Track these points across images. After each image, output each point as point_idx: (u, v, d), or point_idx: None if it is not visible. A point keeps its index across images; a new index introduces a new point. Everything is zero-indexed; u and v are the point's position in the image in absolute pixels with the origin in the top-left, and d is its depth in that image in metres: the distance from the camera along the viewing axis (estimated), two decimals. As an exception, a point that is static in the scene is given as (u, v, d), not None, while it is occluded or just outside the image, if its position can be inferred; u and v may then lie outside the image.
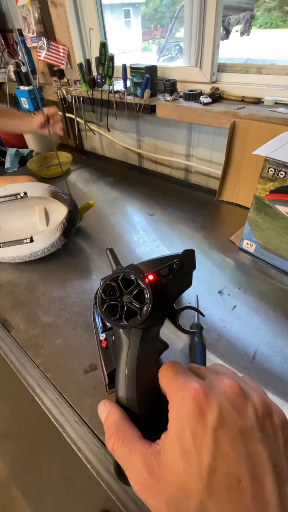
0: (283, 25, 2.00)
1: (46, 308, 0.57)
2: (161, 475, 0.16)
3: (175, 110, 0.80)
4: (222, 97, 0.79)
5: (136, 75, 0.84)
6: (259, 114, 0.67)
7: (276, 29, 2.08)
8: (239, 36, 1.90)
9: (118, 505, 0.34)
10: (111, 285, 0.24)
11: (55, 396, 0.44)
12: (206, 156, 0.93)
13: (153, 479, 0.16)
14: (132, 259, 0.67)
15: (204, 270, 0.63)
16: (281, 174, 0.48)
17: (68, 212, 0.60)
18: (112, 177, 1.03)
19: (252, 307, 0.54)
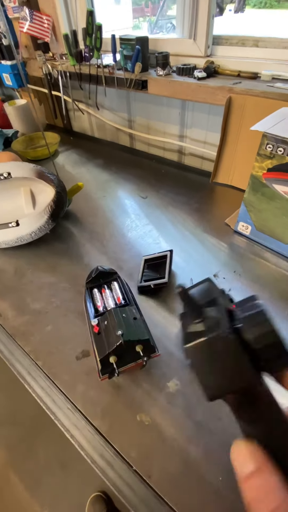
0: (277, 5, 1.93)
1: (35, 294, 0.55)
2: None
3: (168, 86, 0.75)
4: (217, 71, 0.74)
5: (126, 47, 0.79)
6: (256, 89, 0.64)
7: (270, 9, 2.00)
8: (233, 13, 1.85)
9: (113, 490, 0.33)
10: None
11: (46, 384, 0.42)
12: (200, 137, 0.90)
13: None
14: (124, 244, 0.65)
15: (198, 253, 0.61)
16: (280, 151, 0.46)
17: (56, 193, 0.57)
18: (102, 159, 0.98)
19: (247, 290, 0.53)
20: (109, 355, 0.37)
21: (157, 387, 0.41)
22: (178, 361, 0.43)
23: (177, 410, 0.38)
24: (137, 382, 0.41)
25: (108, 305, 0.46)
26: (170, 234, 0.67)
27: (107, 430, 0.37)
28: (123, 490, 0.33)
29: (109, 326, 0.39)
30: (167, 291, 0.54)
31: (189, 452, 0.35)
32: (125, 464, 0.35)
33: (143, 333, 0.38)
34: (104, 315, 0.42)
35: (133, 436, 0.36)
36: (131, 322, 0.40)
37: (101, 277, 0.51)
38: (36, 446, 1.19)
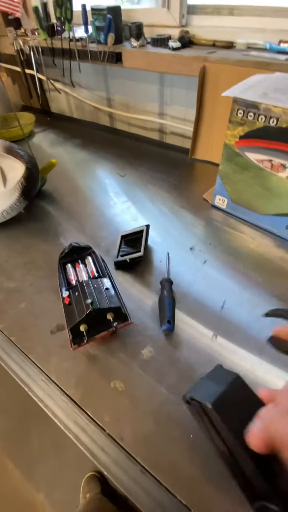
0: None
1: (9, 274, 0.54)
2: None
3: (143, 58, 0.73)
4: (192, 41, 0.72)
5: (98, 18, 0.75)
6: (231, 58, 0.62)
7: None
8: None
9: (86, 454, 0.34)
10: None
11: (20, 358, 0.42)
12: (180, 115, 0.88)
13: None
14: (102, 222, 0.64)
15: (176, 229, 0.61)
16: (250, 116, 0.45)
17: (26, 169, 0.55)
18: (80, 139, 0.96)
19: (222, 262, 0.53)
20: (79, 324, 0.36)
21: (132, 355, 0.41)
22: (153, 330, 0.43)
23: (150, 376, 0.39)
24: (112, 352, 0.42)
25: (81, 278, 0.45)
26: (149, 211, 0.66)
27: (80, 398, 0.37)
28: (96, 453, 0.34)
29: (80, 297, 0.39)
30: (144, 265, 0.54)
31: (161, 415, 0.35)
32: (98, 428, 0.35)
33: (114, 302, 0.38)
34: (76, 287, 0.41)
35: (106, 402, 0.37)
36: (102, 292, 0.39)
37: (75, 252, 0.50)
38: (29, 432, 1.20)
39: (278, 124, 0.43)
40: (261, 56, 0.61)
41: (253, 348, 0.41)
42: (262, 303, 0.47)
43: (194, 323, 0.44)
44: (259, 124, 0.45)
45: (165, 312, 0.43)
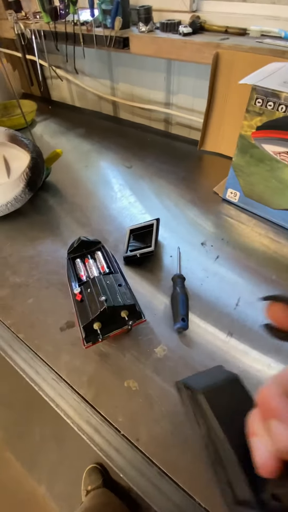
0: None
1: (15, 268, 0.52)
2: None
3: (151, 43, 0.70)
4: (203, 27, 0.69)
5: (105, 1, 0.72)
6: (244, 45, 0.60)
7: None
8: None
9: (100, 455, 0.33)
10: None
11: (29, 356, 0.41)
12: (187, 104, 0.85)
13: None
14: (107, 215, 0.62)
15: (186, 223, 0.59)
16: (270, 106, 0.43)
17: (31, 159, 0.52)
18: (83, 128, 0.92)
19: (235, 257, 0.52)
20: (92, 322, 0.35)
21: (145, 353, 0.40)
22: (165, 328, 0.42)
23: (164, 375, 0.38)
24: (125, 350, 0.40)
25: (91, 274, 0.43)
26: (156, 204, 0.64)
27: (93, 397, 0.36)
28: (111, 454, 0.33)
29: (92, 293, 0.37)
30: (154, 261, 0.52)
31: (176, 415, 0.34)
32: (112, 429, 0.34)
33: (128, 299, 0.37)
34: (87, 283, 0.40)
35: (120, 402, 0.36)
36: (115, 289, 0.38)
37: (84, 247, 0.48)
38: (31, 425, 1.20)
39: (299, 115, 0.41)
40: (277, 44, 0.59)
41: (270, 348, 0.40)
42: (277, 300, 0.45)
43: (208, 321, 0.43)
44: (278, 114, 0.43)
45: (178, 310, 0.42)
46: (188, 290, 0.47)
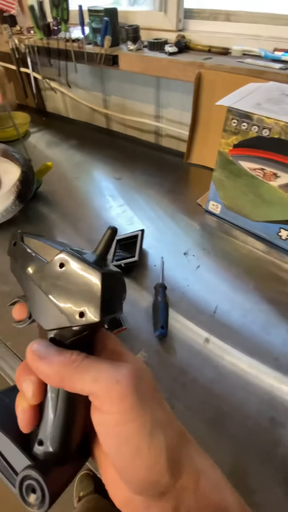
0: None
1: (3, 277, 0.54)
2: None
3: (139, 61, 0.73)
4: (188, 46, 0.73)
5: (95, 20, 0.75)
6: (226, 65, 0.63)
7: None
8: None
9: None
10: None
11: (16, 363, 0.43)
12: (176, 118, 0.88)
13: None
14: (99, 225, 0.65)
15: (171, 233, 0.62)
16: (244, 126, 0.46)
17: (22, 173, 0.55)
18: (76, 140, 0.95)
19: (215, 267, 0.54)
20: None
21: (125, 360, 0.42)
22: (147, 335, 0.44)
23: (143, 380, 0.40)
24: (106, 357, 0.42)
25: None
26: (144, 214, 0.67)
27: (75, 402, 0.38)
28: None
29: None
30: (139, 270, 0.54)
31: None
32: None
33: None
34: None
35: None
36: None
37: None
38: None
39: (270, 135, 0.44)
40: (256, 64, 0.62)
41: (245, 351, 0.42)
42: (254, 307, 0.48)
43: (188, 327, 0.46)
44: (252, 134, 0.46)
45: (158, 318, 0.44)
46: (170, 298, 0.49)
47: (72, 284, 0.17)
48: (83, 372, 0.16)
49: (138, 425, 0.15)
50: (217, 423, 0.36)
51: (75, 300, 0.17)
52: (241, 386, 0.39)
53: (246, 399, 0.38)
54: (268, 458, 0.34)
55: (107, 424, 0.15)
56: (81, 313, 0.17)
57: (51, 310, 0.18)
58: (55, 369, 0.16)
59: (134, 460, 0.15)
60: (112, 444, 0.15)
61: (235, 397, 0.38)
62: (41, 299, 0.18)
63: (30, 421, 0.17)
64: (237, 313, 0.47)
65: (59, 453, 0.17)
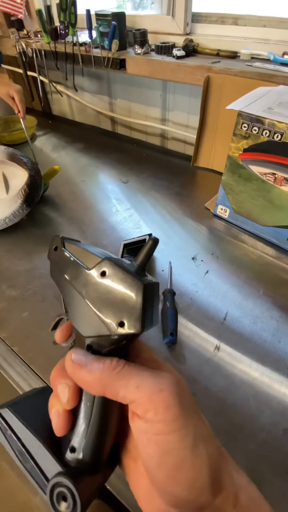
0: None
1: (11, 281, 0.54)
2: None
3: (147, 65, 0.73)
4: (196, 50, 0.72)
5: (103, 24, 0.75)
6: (234, 68, 0.63)
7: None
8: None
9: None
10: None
11: (22, 369, 0.42)
12: (182, 121, 0.88)
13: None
14: (105, 229, 0.64)
15: (178, 237, 0.61)
16: (255, 130, 0.46)
17: (29, 177, 0.55)
18: (82, 143, 0.95)
19: (224, 272, 0.54)
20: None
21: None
22: (155, 341, 0.44)
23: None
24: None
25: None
26: (151, 218, 0.67)
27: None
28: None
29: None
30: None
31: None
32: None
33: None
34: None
35: (109, 415, 0.37)
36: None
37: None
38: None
39: (282, 139, 0.44)
40: (265, 68, 0.62)
41: (256, 359, 0.41)
42: (264, 313, 0.47)
43: (197, 334, 0.45)
44: (263, 138, 0.45)
45: (167, 324, 0.43)
46: (178, 304, 0.48)
47: (113, 293, 0.17)
48: (126, 378, 0.16)
49: (182, 436, 0.14)
50: (230, 435, 0.35)
51: (116, 309, 0.17)
52: (253, 395, 0.38)
53: (258, 410, 0.37)
54: (283, 471, 0.33)
55: (149, 432, 0.15)
56: (121, 323, 0.16)
57: (91, 317, 0.18)
58: (97, 376, 0.16)
59: (176, 472, 0.14)
60: (153, 453, 0.15)
61: (247, 408, 0.37)
62: (81, 305, 0.18)
63: (64, 425, 0.17)
64: (247, 319, 0.46)
65: (92, 462, 0.17)
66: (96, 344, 0.18)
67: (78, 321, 0.18)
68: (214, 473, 0.15)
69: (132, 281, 0.16)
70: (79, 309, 0.18)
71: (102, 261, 0.18)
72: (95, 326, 0.17)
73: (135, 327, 0.16)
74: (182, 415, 0.15)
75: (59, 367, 0.19)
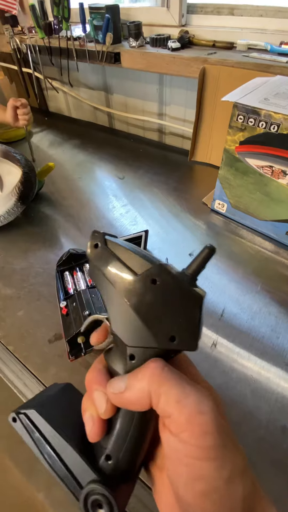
0: None
1: (6, 280, 0.53)
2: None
3: (142, 58, 0.72)
4: (192, 42, 0.71)
5: (96, 17, 0.74)
6: (231, 59, 0.61)
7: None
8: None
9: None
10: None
11: (17, 368, 0.42)
12: (179, 115, 0.87)
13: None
14: (100, 226, 0.64)
15: (175, 233, 0.60)
16: (251, 122, 0.45)
17: (23, 174, 0.54)
18: (79, 139, 0.94)
19: (221, 267, 0.53)
20: (76, 336, 0.36)
21: (130, 365, 0.41)
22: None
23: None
24: (110, 362, 0.41)
25: (79, 287, 0.44)
26: (148, 214, 0.66)
27: (78, 409, 0.37)
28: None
29: (77, 307, 0.38)
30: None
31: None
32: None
33: (112, 312, 0.38)
34: (73, 297, 0.41)
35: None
36: (99, 302, 0.39)
37: (73, 259, 0.49)
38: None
39: (279, 131, 0.43)
40: (262, 58, 0.60)
41: (255, 355, 0.41)
42: (263, 309, 0.46)
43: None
44: (259, 130, 0.44)
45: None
46: (175, 301, 0.47)
47: (164, 303, 0.16)
48: (167, 385, 0.15)
49: (217, 466, 0.14)
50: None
51: (167, 322, 0.15)
52: (251, 392, 0.38)
53: (256, 407, 0.36)
54: (281, 469, 0.32)
55: (181, 452, 0.14)
56: (172, 338, 0.15)
57: (137, 328, 0.16)
58: (139, 395, 0.15)
59: (204, 499, 0.14)
60: (182, 473, 0.14)
61: (245, 405, 0.36)
62: (126, 314, 0.16)
63: (99, 432, 0.17)
64: (245, 315, 0.45)
65: (127, 471, 0.17)
66: (140, 355, 0.16)
67: (122, 329, 0.17)
68: (247, 510, 0.14)
69: (188, 294, 0.15)
70: (124, 318, 0.17)
71: (152, 268, 0.16)
72: (142, 337, 0.16)
73: (190, 345, 0.15)
74: (220, 444, 0.14)
75: (95, 370, 0.18)
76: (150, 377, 0.15)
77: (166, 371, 0.15)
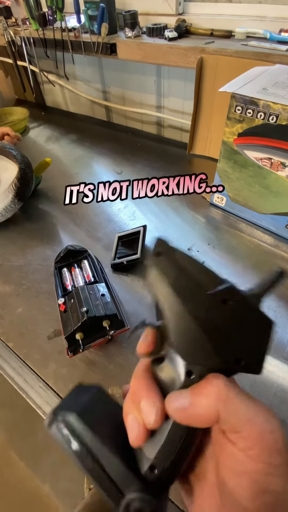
0: None
1: (4, 277, 0.53)
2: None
3: (138, 49, 0.70)
4: (189, 31, 0.69)
5: (91, 7, 0.72)
6: (229, 48, 0.60)
7: None
8: None
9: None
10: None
11: (17, 364, 0.42)
12: (178, 107, 0.85)
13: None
14: (99, 221, 0.63)
15: (174, 227, 0.60)
16: (249, 113, 0.44)
17: (19, 170, 0.53)
18: (76, 134, 0.93)
19: (221, 262, 0.52)
20: (74, 332, 0.36)
21: (129, 360, 0.41)
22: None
23: (148, 382, 0.39)
24: (111, 357, 0.41)
25: (77, 283, 0.44)
26: (146, 209, 0.65)
27: (78, 405, 0.37)
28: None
29: (75, 304, 0.38)
30: (142, 267, 0.53)
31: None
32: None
33: (110, 309, 0.38)
34: (71, 294, 0.41)
35: (104, 409, 0.37)
36: (98, 299, 0.39)
37: (71, 256, 0.49)
38: (34, 425, 1.22)
39: (277, 122, 0.42)
40: (261, 46, 0.59)
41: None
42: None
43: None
44: (258, 121, 0.43)
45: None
46: (174, 296, 0.47)
47: (234, 325, 0.15)
48: (234, 404, 0.15)
49: (286, 482, 0.14)
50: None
51: (235, 344, 0.15)
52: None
53: (254, 401, 0.36)
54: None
55: (247, 467, 0.14)
56: (237, 360, 0.15)
57: (202, 345, 0.16)
58: (206, 411, 0.15)
59: (271, 511, 0.14)
60: (246, 486, 0.14)
61: (243, 399, 0.37)
62: (191, 330, 0.16)
63: (143, 437, 0.17)
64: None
65: (170, 480, 0.17)
66: (199, 372, 0.16)
67: (183, 344, 0.16)
68: None
69: (260, 318, 0.15)
70: (188, 334, 0.16)
71: (225, 287, 0.16)
72: (205, 356, 0.16)
73: (255, 370, 0.15)
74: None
75: (143, 378, 0.17)
76: (217, 395, 0.15)
77: (232, 387, 0.15)
